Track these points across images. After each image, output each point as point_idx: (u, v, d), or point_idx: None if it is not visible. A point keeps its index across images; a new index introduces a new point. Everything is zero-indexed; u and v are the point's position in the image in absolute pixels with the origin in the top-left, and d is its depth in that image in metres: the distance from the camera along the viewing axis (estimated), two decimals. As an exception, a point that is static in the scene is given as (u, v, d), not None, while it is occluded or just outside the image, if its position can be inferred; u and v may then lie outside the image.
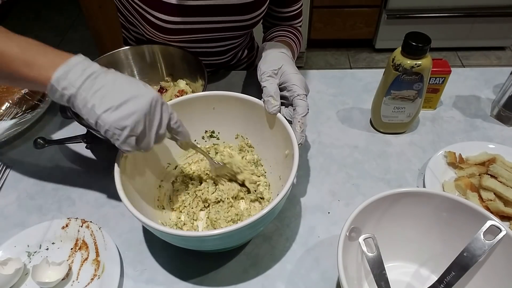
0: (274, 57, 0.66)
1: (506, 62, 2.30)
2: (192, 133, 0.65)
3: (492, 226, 0.48)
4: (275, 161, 0.64)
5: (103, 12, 2.03)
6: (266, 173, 0.67)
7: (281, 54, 0.67)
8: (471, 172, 0.67)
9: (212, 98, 0.64)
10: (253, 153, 0.68)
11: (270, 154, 0.65)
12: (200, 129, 0.69)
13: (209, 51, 0.86)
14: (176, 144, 0.57)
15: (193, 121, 0.66)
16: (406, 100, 0.72)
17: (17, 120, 0.81)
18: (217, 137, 0.70)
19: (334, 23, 2.22)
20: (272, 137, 0.63)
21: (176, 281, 0.58)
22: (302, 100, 0.60)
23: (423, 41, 0.64)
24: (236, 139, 0.69)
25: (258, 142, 0.67)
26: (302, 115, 0.59)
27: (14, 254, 0.59)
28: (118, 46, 0.83)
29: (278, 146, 0.62)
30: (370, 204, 0.50)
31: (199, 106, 0.65)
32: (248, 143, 0.68)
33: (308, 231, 0.63)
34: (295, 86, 0.61)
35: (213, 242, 0.52)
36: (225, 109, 0.65)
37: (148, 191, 0.62)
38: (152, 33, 0.77)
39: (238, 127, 0.68)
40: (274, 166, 0.65)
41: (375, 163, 0.73)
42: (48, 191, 0.70)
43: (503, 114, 0.78)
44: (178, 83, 0.82)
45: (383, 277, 0.50)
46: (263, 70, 0.63)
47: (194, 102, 0.64)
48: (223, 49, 0.88)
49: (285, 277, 0.58)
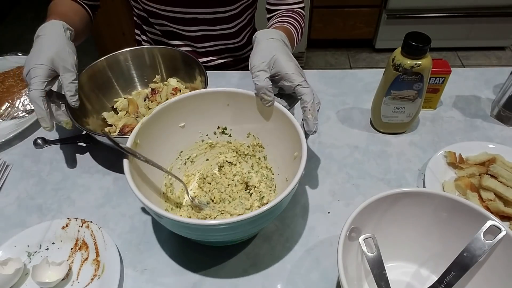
0: (265, 47, 0.63)
1: (506, 62, 2.30)
2: (205, 128, 0.68)
3: (492, 226, 0.48)
4: (283, 162, 0.64)
5: (103, 12, 2.03)
6: (274, 174, 0.66)
7: (272, 42, 0.64)
8: (471, 172, 0.67)
9: (227, 94, 0.64)
10: (262, 153, 0.68)
11: (279, 154, 0.65)
12: (213, 125, 0.68)
13: (199, 18, 0.88)
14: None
15: (207, 116, 0.66)
16: (406, 100, 0.72)
17: (17, 120, 0.81)
18: (229, 134, 0.69)
19: (334, 23, 2.22)
20: (282, 138, 0.62)
21: (176, 281, 0.58)
22: (304, 87, 0.58)
23: (423, 41, 0.64)
24: (248, 138, 0.68)
25: (268, 142, 0.66)
26: (310, 102, 0.57)
27: (14, 254, 0.59)
28: (118, 46, 0.83)
29: (287, 147, 0.61)
30: (370, 204, 0.50)
31: (214, 101, 0.65)
32: (258, 143, 0.67)
33: (308, 231, 0.63)
34: (291, 74, 0.59)
35: (214, 232, 0.51)
36: (239, 106, 0.65)
37: (155, 181, 0.62)
38: None
39: (250, 125, 0.67)
40: (282, 168, 0.64)
41: (375, 163, 0.73)
42: (48, 191, 0.70)
43: (503, 114, 0.78)
44: (169, 82, 0.82)
45: (383, 277, 0.50)
46: (253, 64, 0.61)
47: (209, 97, 0.64)
48: (212, 17, 0.88)
49: (285, 277, 0.58)
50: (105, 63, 0.78)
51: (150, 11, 0.89)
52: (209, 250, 0.61)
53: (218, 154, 0.70)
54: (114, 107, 0.80)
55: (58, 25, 0.67)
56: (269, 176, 0.67)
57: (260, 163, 0.68)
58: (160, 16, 0.89)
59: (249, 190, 0.66)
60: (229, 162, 0.70)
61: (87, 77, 0.75)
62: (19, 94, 0.83)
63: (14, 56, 0.94)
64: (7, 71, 0.88)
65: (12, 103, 0.82)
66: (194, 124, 0.66)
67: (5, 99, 0.82)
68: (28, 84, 0.63)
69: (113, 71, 0.80)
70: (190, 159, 0.69)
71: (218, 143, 0.70)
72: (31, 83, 0.62)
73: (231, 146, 0.70)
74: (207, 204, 0.65)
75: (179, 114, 0.64)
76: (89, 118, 0.73)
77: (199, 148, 0.69)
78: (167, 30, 0.92)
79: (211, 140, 0.69)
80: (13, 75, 0.87)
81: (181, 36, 0.92)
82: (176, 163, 0.67)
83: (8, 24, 2.74)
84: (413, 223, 0.54)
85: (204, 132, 0.68)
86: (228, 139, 0.69)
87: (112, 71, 0.80)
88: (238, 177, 0.68)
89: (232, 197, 0.65)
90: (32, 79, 0.62)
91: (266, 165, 0.67)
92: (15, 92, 0.83)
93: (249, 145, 0.69)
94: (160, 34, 0.94)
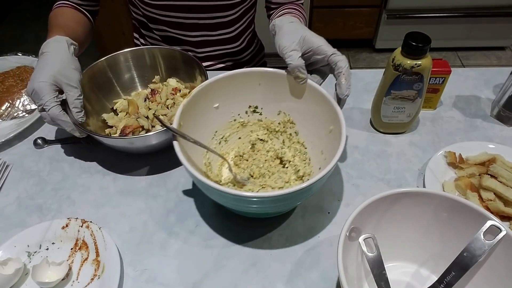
0: (290, 29, 0.66)
1: (506, 62, 2.30)
2: (237, 108, 0.72)
3: (492, 226, 0.48)
4: (317, 136, 0.66)
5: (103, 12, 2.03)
6: (307, 148, 0.69)
7: (294, 24, 0.67)
8: (471, 172, 0.67)
9: (259, 74, 0.67)
10: (293, 129, 0.71)
11: (312, 129, 0.68)
12: (245, 104, 0.71)
13: (199, 23, 0.88)
14: None
15: (238, 96, 0.69)
16: (406, 100, 0.72)
17: (17, 120, 0.81)
18: (260, 113, 0.72)
19: (334, 23, 2.22)
20: (315, 114, 0.65)
21: (176, 281, 0.58)
22: (338, 55, 0.61)
23: (423, 41, 0.64)
24: (278, 115, 0.71)
25: (300, 118, 0.69)
26: (345, 67, 0.60)
27: (14, 254, 0.59)
28: (118, 46, 0.83)
29: (321, 122, 0.64)
30: (370, 204, 0.50)
31: (247, 81, 0.67)
32: (289, 119, 0.70)
33: (308, 231, 0.63)
34: (323, 46, 0.62)
35: (271, 203, 0.54)
36: (270, 85, 0.68)
37: (196, 161, 0.64)
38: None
39: (281, 103, 0.70)
40: (316, 142, 0.67)
41: (375, 163, 0.73)
42: (48, 191, 0.70)
43: (503, 114, 0.78)
44: (168, 82, 0.82)
45: (383, 277, 0.50)
46: (283, 45, 0.63)
47: (242, 77, 0.67)
48: (212, 22, 0.89)
49: (285, 277, 0.58)
50: (105, 63, 0.78)
51: (149, 17, 0.88)
52: (209, 249, 0.61)
53: (250, 133, 0.74)
54: (114, 109, 0.80)
55: (62, 41, 0.68)
56: (302, 150, 0.70)
57: (292, 138, 0.71)
58: (160, 22, 0.89)
59: (284, 164, 0.70)
60: (261, 140, 0.73)
61: (88, 78, 0.74)
62: (19, 94, 0.83)
63: (14, 56, 0.94)
64: (7, 71, 0.88)
65: (12, 103, 0.82)
66: (227, 104, 0.69)
67: (5, 99, 0.82)
68: (37, 103, 0.64)
69: (113, 71, 0.80)
70: (224, 139, 0.72)
71: (249, 121, 0.73)
72: (45, 103, 0.63)
73: (262, 124, 0.73)
74: (248, 179, 0.67)
75: (213, 95, 0.66)
76: (90, 119, 0.73)
77: (232, 127, 0.72)
78: (167, 35, 0.92)
79: (243, 119, 0.72)
80: (13, 75, 0.87)
81: (181, 41, 0.92)
82: (212, 142, 0.70)
83: (8, 24, 2.74)
84: (413, 223, 0.54)
85: (236, 111, 0.71)
86: (259, 117, 0.72)
87: (113, 71, 0.80)
88: (271, 153, 0.71)
89: (271, 171, 0.68)
90: (43, 98, 0.63)
91: (298, 140, 0.71)
92: (15, 92, 0.83)
93: (279, 122, 0.72)
94: (159, 39, 0.94)
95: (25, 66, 0.90)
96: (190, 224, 0.64)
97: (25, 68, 0.88)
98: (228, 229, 0.63)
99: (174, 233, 0.63)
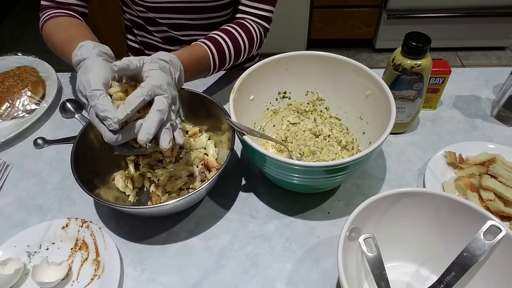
0: None
1: (506, 62, 2.30)
2: (268, 96, 0.74)
3: (492, 226, 0.48)
4: (352, 105, 0.70)
5: (103, 12, 2.03)
6: (341, 119, 0.73)
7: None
8: (471, 172, 0.67)
9: (285, 59, 0.69)
10: (323, 105, 0.74)
11: (345, 99, 0.71)
12: (274, 91, 0.74)
13: (191, 24, 0.87)
14: None
15: (268, 85, 0.71)
16: (406, 100, 0.72)
17: (17, 120, 0.81)
18: (288, 97, 0.75)
19: (334, 23, 2.22)
20: (347, 84, 0.69)
21: (176, 281, 0.58)
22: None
23: (423, 41, 0.64)
24: (306, 96, 0.75)
25: (329, 93, 0.73)
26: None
27: (14, 254, 0.59)
28: (118, 46, 0.83)
29: (356, 89, 0.68)
30: (370, 204, 0.50)
31: (274, 68, 0.70)
32: (318, 97, 0.74)
33: (308, 231, 0.63)
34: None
35: (334, 173, 0.56)
36: (296, 68, 0.71)
37: None
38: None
39: (308, 83, 0.73)
40: (351, 110, 0.71)
41: (375, 163, 0.72)
42: (48, 191, 0.70)
43: (503, 114, 0.78)
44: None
45: (383, 277, 0.50)
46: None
47: (270, 65, 0.69)
48: (204, 23, 0.88)
49: (285, 277, 0.58)
50: None
51: (149, 19, 0.87)
52: (209, 249, 0.61)
53: (281, 119, 0.76)
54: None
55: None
56: (337, 122, 0.74)
57: (323, 114, 0.75)
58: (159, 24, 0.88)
59: (325, 139, 0.74)
60: (293, 124, 0.76)
61: None
62: (19, 94, 0.83)
63: (14, 56, 0.94)
64: (7, 71, 0.88)
65: (12, 103, 0.82)
66: (260, 94, 0.72)
67: (5, 99, 0.82)
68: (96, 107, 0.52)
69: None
70: (262, 129, 0.74)
71: (280, 107, 0.76)
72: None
73: (292, 108, 0.76)
74: (301, 159, 0.71)
75: (249, 88, 0.68)
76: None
77: (266, 116, 0.75)
78: (167, 35, 0.91)
79: (274, 107, 0.75)
80: (13, 75, 0.87)
81: (181, 41, 0.92)
82: None
83: (8, 24, 2.74)
84: (413, 223, 0.54)
85: (268, 100, 0.74)
86: (288, 101, 0.76)
87: None
88: (307, 132, 0.75)
89: (319, 147, 0.73)
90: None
91: (330, 114, 0.74)
92: (15, 92, 0.83)
93: (308, 102, 0.75)
94: (159, 40, 0.93)
95: (25, 66, 0.89)
96: (190, 224, 0.64)
97: (25, 68, 0.88)
98: (228, 229, 0.63)
99: (174, 233, 0.63)
